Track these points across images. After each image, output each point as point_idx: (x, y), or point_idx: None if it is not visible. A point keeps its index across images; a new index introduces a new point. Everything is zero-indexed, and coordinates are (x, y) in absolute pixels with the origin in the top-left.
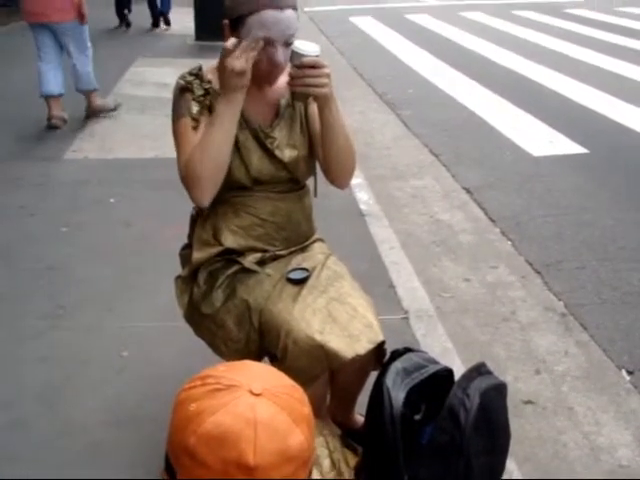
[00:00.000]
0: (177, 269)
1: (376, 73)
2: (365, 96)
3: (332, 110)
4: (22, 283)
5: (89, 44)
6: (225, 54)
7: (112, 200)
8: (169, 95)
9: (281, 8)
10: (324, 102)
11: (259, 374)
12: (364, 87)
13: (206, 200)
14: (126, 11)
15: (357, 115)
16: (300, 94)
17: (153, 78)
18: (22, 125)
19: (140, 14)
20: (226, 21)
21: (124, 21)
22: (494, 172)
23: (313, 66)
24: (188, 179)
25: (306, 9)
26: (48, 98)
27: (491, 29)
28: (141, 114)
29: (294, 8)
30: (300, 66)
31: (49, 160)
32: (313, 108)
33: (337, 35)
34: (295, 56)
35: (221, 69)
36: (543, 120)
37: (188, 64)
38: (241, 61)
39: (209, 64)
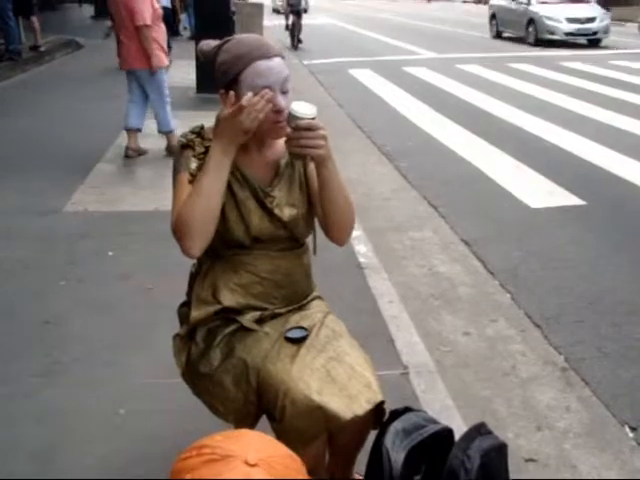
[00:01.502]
0: (175, 323)
1: (375, 125)
2: (364, 148)
3: (329, 169)
4: (18, 338)
5: (166, 91)
6: (236, 111)
7: (110, 253)
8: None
9: (269, 57)
10: (321, 162)
11: (255, 444)
12: (363, 139)
13: (196, 250)
14: None
15: (356, 167)
16: (297, 154)
17: (154, 130)
18: (23, 177)
19: None
20: (222, 90)
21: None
22: (492, 224)
23: (309, 128)
24: (178, 228)
25: (305, 62)
26: (127, 131)
27: (488, 82)
28: (142, 166)
29: (282, 57)
30: (296, 128)
31: (49, 212)
32: (312, 167)
33: (336, 87)
34: (291, 118)
35: (225, 124)
36: (540, 172)
37: (190, 116)
38: (251, 120)
39: (211, 123)
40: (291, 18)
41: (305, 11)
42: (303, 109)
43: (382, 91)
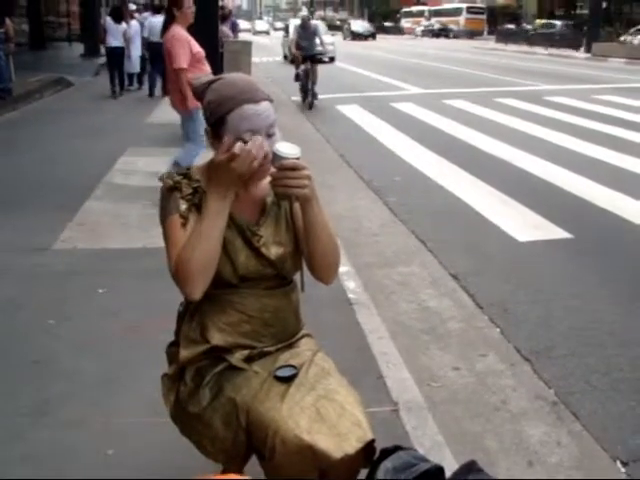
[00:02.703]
0: (164, 361)
1: (362, 160)
2: (352, 183)
3: (314, 209)
4: (5, 378)
5: (198, 137)
6: (231, 158)
7: (100, 291)
8: (160, 184)
9: (257, 101)
10: (305, 202)
11: None
12: (351, 174)
13: (198, 294)
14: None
15: (344, 202)
16: (281, 194)
17: (143, 167)
18: (12, 214)
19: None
20: (208, 128)
21: (116, 92)
22: (480, 258)
23: (293, 168)
24: (180, 274)
25: (294, 98)
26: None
27: (474, 116)
28: (131, 203)
29: (270, 100)
30: (281, 168)
31: (38, 250)
32: (298, 205)
33: (324, 123)
34: (276, 158)
35: (220, 170)
36: (527, 205)
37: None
38: (246, 166)
39: (200, 161)
40: (302, 66)
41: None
42: (287, 149)
43: (370, 126)
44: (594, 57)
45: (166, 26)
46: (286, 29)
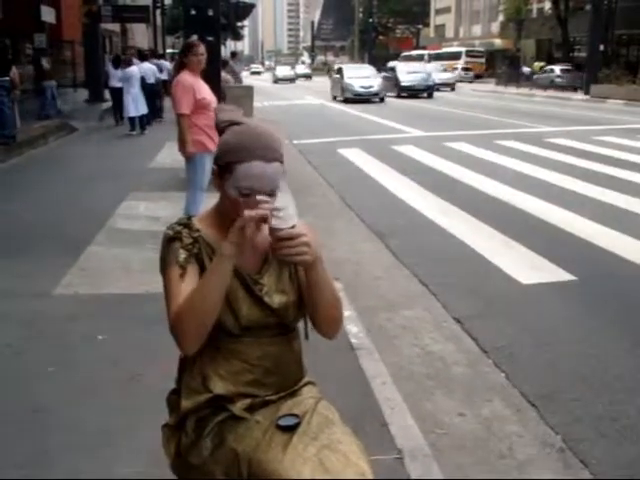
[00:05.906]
0: (165, 410)
1: (364, 203)
2: (354, 226)
3: (317, 271)
4: (3, 427)
5: (202, 178)
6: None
7: (100, 337)
8: (161, 228)
9: (268, 160)
10: (308, 266)
11: None
12: (353, 217)
13: (192, 351)
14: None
15: (346, 245)
16: (283, 261)
17: (145, 212)
18: (14, 259)
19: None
20: (215, 167)
21: (117, 121)
22: (484, 301)
23: (290, 238)
24: (176, 330)
25: (295, 142)
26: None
27: (475, 158)
28: (132, 248)
29: (280, 161)
30: (278, 239)
31: (39, 295)
32: None
33: (325, 166)
34: (272, 230)
35: (238, 230)
36: (530, 247)
37: (180, 197)
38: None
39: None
40: None
41: None
42: (280, 223)
43: (371, 170)
44: (592, 99)
45: (177, 72)
46: None
